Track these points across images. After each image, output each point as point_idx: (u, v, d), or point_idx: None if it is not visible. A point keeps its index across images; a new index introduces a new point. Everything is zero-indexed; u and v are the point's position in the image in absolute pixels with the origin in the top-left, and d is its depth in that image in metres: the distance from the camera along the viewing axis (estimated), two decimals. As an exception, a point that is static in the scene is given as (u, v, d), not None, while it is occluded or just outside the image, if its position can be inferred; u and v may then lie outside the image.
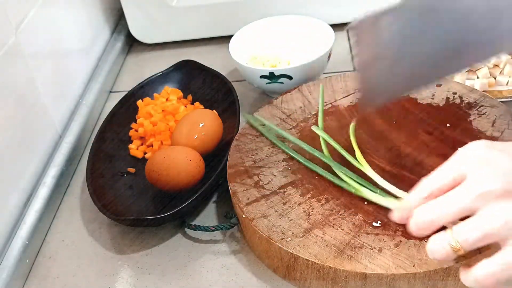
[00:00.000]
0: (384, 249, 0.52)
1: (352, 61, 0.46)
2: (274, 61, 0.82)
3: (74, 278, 0.60)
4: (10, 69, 0.66)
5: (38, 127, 0.72)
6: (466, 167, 0.44)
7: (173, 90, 0.79)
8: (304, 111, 0.69)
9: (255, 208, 0.58)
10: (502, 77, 0.74)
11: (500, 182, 0.42)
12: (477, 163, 0.44)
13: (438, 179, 0.46)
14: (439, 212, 0.44)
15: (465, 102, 0.67)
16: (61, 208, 0.70)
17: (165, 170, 0.63)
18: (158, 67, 0.83)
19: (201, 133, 0.67)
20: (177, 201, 0.63)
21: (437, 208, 0.44)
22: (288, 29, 0.84)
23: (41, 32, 0.75)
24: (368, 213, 0.55)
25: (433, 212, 0.44)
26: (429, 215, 0.44)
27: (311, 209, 0.57)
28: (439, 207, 0.44)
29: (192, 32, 0.95)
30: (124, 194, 0.66)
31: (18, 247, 0.61)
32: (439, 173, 0.46)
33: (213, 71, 0.79)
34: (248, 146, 0.65)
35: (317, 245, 0.53)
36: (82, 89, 0.85)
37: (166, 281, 0.59)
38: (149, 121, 0.74)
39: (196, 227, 0.62)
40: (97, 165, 0.69)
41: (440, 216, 0.44)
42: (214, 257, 0.59)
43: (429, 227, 0.45)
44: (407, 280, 0.50)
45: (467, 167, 0.44)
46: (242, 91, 0.80)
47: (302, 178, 0.61)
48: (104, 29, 0.96)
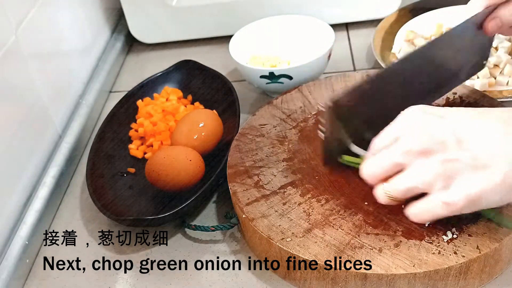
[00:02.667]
0: (384, 249, 0.52)
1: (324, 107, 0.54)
2: (274, 61, 0.82)
3: (74, 278, 0.60)
4: (10, 69, 0.66)
5: (38, 127, 0.72)
6: (402, 129, 0.50)
7: (173, 90, 0.79)
8: (304, 111, 0.69)
9: (255, 208, 0.58)
10: (502, 77, 0.74)
11: (420, 141, 0.48)
12: (409, 126, 0.50)
13: (382, 139, 0.52)
14: (376, 167, 0.51)
15: (465, 102, 0.67)
16: (61, 208, 0.70)
17: (165, 170, 0.63)
18: (158, 67, 0.83)
19: (201, 133, 0.67)
20: (177, 201, 0.63)
21: (375, 163, 0.51)
22: (288, 29, 0.85)
23: (41, 32, 0.75)
24: (368, 213, 0.55)
25: (373, 166, 0.51)
26: (370, 169, 0.52)
27: (311, 209, 0.57)
28: (376, 163, 0.51)
29: (192, 32, 0.95)
30: (124, 194, 0.67)
31: (18, 247, 0.61)
32: (384, 134, 0.52)
33: (213, 71, 0.79)
34: (248, 146, 0.65)
35: (317, 245, 0.53)
36: (82, 89, 0.85)
37: (166, 281, 0.59)
38: (149, 121, 0.74)
39: (196, 227, 0.62)
40: (97, 165, 0.69)
41: (377, 170, 0.51)
42: (214, 257, 0.59)
43: (372, 179, 0.52)
44: (407, 280, 0.50)
45: (403, 128, 0.50)
46: (242, 91, 0.80)
47: (302, 178, 0.61)
48: (104, 29, 0.96)
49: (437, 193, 0.48)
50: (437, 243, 0.52)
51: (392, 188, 0.50)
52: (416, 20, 0.88)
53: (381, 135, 0.52)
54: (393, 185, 0.50)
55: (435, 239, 0.52)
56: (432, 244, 0.52)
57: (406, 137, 0.49)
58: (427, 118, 0.49)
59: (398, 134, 0.50)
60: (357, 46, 0.90)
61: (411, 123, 0.50)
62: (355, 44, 0.90)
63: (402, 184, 0.49)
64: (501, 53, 0.76)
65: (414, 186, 0.49)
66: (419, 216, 0.51)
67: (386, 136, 0.52)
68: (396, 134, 0.50)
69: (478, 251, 0.50)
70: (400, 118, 0.51)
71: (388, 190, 0.51)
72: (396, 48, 0.83)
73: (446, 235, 0.52)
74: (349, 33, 0.93)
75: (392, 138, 0.51)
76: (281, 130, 0.67)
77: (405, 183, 0.49)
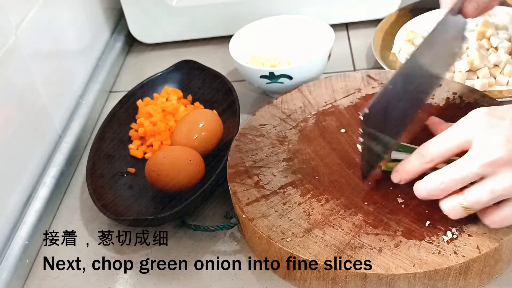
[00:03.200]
0: (384, 249, 0.52)
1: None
2: (274, 61, 0.82)
3: (74, 278, 0.60)
4: (10, 69, 0.66)
5: (38, 127, 0.72)
6: (470, 133, 0.48)
7: (173, 90, 0.79)
8: (304, 111, 0.69)
9: (255, 208, 0.58)
10: (502, 77, 0.74)
11: (504, 150, 0.46)
12: (480, 130, 0.47)
13: (441, 145, 0.49)
14: (450, 179, 0.48)
15: (465, 102, 0.67)
16: (61, 208, 0.70)
17: (165, 170, 0.63)
18: (158, 67, 0.83)
19: (201, 133, 0.67)
20: (177, 201, 0.63)
21: (448, 175, 0.48)
22: (288, 29, 0.85)
23: (41, 32, 0.75)
24: (368, 213, 0.55)
25: (445, 179, 0.48)
26: (441, 182, 0.49)
27: (311, 209, 0.57)
28: (450, 175, 0.48)
29: (192, 32, 0.95)
30: (124, 194, 0.67)
31: (18, 247, 0.61)
32: (442, 139, 0.50)
33: (213, 71, 0.79)
34: (248, 146, 0.65)
35: (317, 245, 0.53)
36: (82, 89, 0.85)
37: (166, 281, 0.59)
38: (149, 121, 0.74)
39: (196, 227, 0.62)
40: (97, 165, 0.69)
41: (449, 183, 0.48)
42: (214, 257, 0.59)
43: (440, 194, 0.50)
44: (407, 280, 0.50)
45: (472, 133, 0.48)
46: (242, 91, 0.80)
47: (302, 178, 0.61)
48: (104, 29, 0.96)
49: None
50: (437, 243, 0.52)
51: (473, 198, 0.48)
52: (416, 20, 0.88)
53: (436, 141, 0.50)
54: (473, 195, 0.48)
55: (435, 239, 0.52)
56: (432, 244, 0.52)
57: (484, 144, 0.47)
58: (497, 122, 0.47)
59: (466, 140, 0.48)
60: (357, 46, 0.90)
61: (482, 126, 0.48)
62: (355, 44, 0.90)
63: (486, 193, 0.47)
64: (501, 53, 0.76)
65: (500, 195, 0.47)
66: (503, 222, 0.49)
67: (446, 143, 0.49)
68: (463, 140, 0.48)
69: (478, 251, 0.50)
70: (462, 122, 0.49)
71: (467, 202, 0.48)
72: (396, 48, 0.83)
73: (446, 235, 0.52)
74: (349, 33, 0.93)
75: (455, 145, 0.49)
76: (281, 130, 0.67)
77: (492, 191, 0.47)
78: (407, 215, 0.55)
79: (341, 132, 0.66)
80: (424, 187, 0.51)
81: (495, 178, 0.47)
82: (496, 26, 0.81)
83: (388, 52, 0.83)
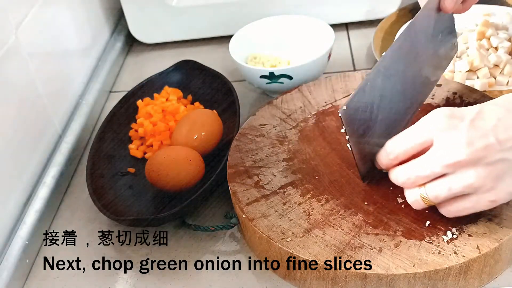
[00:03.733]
0: (384, 249, 0.52)
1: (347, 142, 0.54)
2: (274, 61, 0.82)
3: (74, 278, 0.60)
4: (10, 69, 0.66)
5: (38, 127, 0.72)
6: (431, 133, 0.49)
7: (173, 90, 0.79)
8: (304, 111, 0.69)
9: (255, 208, 0.58)
10: (502, 77, 0.74)
11: (465, 153, 0.47)
12: (441, 131, 0.49)
13: (404, 143, 0.52)
14: (414, 175, 0.50)
15: (465, 102, 0.67)
16: (61, 208, 0.70)
17: (165, 170, 0.63)
18: (158, 67, 0.83)
19: (201, 133, 0.67)
20: (177, 201, 0.63)
21: (412, 171, 0.51)
22: (288, 29, 0.85)
23: (41, 32, 0.75)
24: (368, 213, 0.55)
25: (410, 174, 0.51)
26: (406, 176, 0.51)
27: (311, 209, 0.57)
28: (414, 171, 0.50)
29: (192, 32, 0.95)
30: (124, 194, 0.67)
31: (18, 247, 0.61)
32: (404, 138, 0.52)
33: (213, 71, 0.79)
34: (248, 146, 0.65)
35: (317, 245, 0.53)
36: (82, 89, 0.85)
37: (166, 281, 0.59)
38: (149, 121, 0.74)
39: (196, 227, 0.62)
40: (97, 165, 0.69)
41: (415, 178, 0.51)
42: (214, 257, 0.59)
43: (408, 185, 0.52)
44: (407, 280, 0.50)
45: (432, 134, 0.49)
46: (242, 91, 0.80)
47: (302, 178, 0.61)
48: (104, 29, 0.96)
49: (483, 194, 0.48)
50: (437, 243, 0.52)
51: (433, 193, 0.50)
52: (416, 20, 0.88)
53: (399, 140, 0.52)
54: (433, 190, 0.50)
55: (435, 239, 0.52)
56: (432, 244, 0.52)
57: (445, 146, 0.48)
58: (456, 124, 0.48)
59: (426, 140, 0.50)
60: (357, 46, 0.90)
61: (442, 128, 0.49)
62: (355, 44, 0.90)
63: (445, 190, 0.49)
64: (501, 53, 0.76)
65: (459, 191, 0.49)
66: (457, 214, 0.51)
67: (409, 141, 0.51)
68: (424, 140, 0.50)
69: (478, 251, 0.50)
70: (424, 123, 0.51)
71: (427, 195, 0.50)
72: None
73: (446, 235, 0.52)
74: (349, 33, 0.93)
75: (417, 144, 0.50)
76: (281, 130, 0.67)
77: (449, 189, 0.49)
78: (407, 215, 0.55)
79: (341, 132, 0.65)
80: (396, 179, 0.53)
81: (454, 177, 0.48)
82: (496, 26, 0.81)
83: (388, 52, 0.83)
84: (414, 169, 0.51)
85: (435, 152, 0.49)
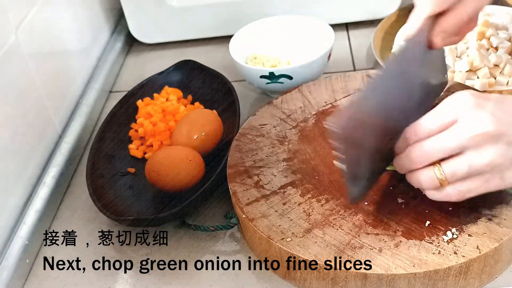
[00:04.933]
0: (384, 249, 0.52)
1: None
2: (274, 61, 0.82)
3: (74, 278, 0.60)
4: (10, 69, 0.66)
5: (38, 127, 0.72)
6: (456, 112, 0.48)
7: (173, 90, 0.79)
8: (304, 111, 0.70)
9: (255, 208, 0.58)
10: (502, 77, 0.74)
11: (493, 125, 0.47)
12: (467, 108, 0.48)
13: (428, 125, 0.50)
14: (433, 149, 0.49)
15: (465, 102, 0.66)
16: (61, 208, 0.70)
17: (165, 170, 0.63)
18: (158, 67, 0.83)
19: (201, 133, 0.67)
20: (177, 201, 0.63)
21: (431, 145, 0.49)
22: (288, 29, 0.85)
23: (41, 32, 0.75)
24: (368, 213, 0.55)
25: (426, 148, 0.49)
26: (422, 151, 0.49)
27: (311, 209, 0.57)
28: (434, 145, 0.49)
29: (192, 32, 0.95)
30: (124, 194, 0.67)
31: (18, 247, 0.61)
32: (429, 120, 0.50)
33: (213, 71, 0.79)
34: (248, 146, 0.65)
35: (317, 245, 0.53)
36: (82, 89, 0.85)
37: (166, 281, 0.59)
38: (149, 121, 0.74)
39: (196, 227, 0.62)
40: (97, 165, 0.69)
41: (433, 153, 0.49)
42: (214, 257, 0.59)
43: (421, 162, 0.50)
44: (407, 280, 0.50)
45: (458, 112, 0.48)
46: (242, 91, 0.80)
47: (302, 178, 0.61)
48: (104, 29, 0.97)
49: (498, 173, 0.48)
50: (437, 243, 0.52)
51: (451, 170, 0.48)
52: (416, 20, 0.88)
53: (428, 117, 0.50)
54: (451, 167, 0.48)
55: (435, 239, 0.52)
56: (432, 244, 0.52)
57: (471, 119, 0.48)
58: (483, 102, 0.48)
59: (451, 119, 0.49)
60: (357, 46, 0.90)
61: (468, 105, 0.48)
62: (355, 44, 0.90)
63: (464, 167, 0.48)
64: (501, 53, 0.76)
65: (478, 169, 0.48)
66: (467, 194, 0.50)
67: (432, 122, 0.50)
68: (448, 119, 0.49)
69: (478, 251, 0.50)
70: (447, 103, 0.50)
71: (443, 172, 0.49)
72: (396, 48, 0.83)
73: (446, 235, 0.52)
74: (349, 33, 0.93)
75: (440, 124, 0.49)
76: (281, 130, 0.67)
77: (470, 166, 0.48)
78: (407, 215, 0.55)
79: None
80: (409, 154, 0.50)
81: (476, 153, 0.47)
82: (496, 26, 0.81)
83: (388, 52, 0.83)
84: (433, 143, 0.49)
85: (461, 125, 0.48)
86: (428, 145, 0.49)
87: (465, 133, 0.47)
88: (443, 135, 0.49)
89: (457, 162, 0.48)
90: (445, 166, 0.49)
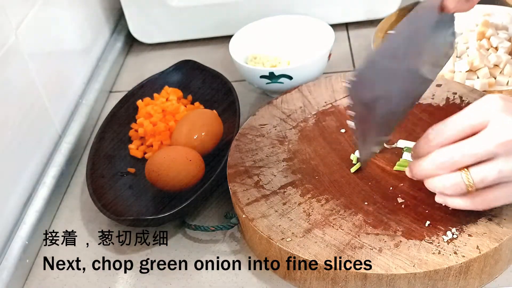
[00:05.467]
0: (384, 249, 0.52)
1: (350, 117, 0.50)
2: (274, 61, 0.82)
3: (74, 278, 0.60)
4: (10, 69, 0.66)
5: (38, 127, 0.72)
6: (486, 115, 0.47)
7: (173, 90, 0.79)
8: (304, 111, 0.69)
9: (255, 208, 0.58)
10: (502, 77, 0.74)
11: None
12: (498, 112, 0.47)
13: (454, 127, 0.48)
14: (461, 154, 0.47)
15: (465, 102, 0.67)
16: (61, 208, 0.70)
17: (165, 170, 0.63)
18: (158, 67, 0.83)
19: (201, 133, 0.67)
20: (177, 201, 0.63)
21: (459, 150, 0.47)
22: (288, 29, 0.85)
23: (41, 32, 0.75)
24: (368, 213, 0.55)
25: (454, 153, 0.47)
26: (449, 155, 0.48)
27: (311, 209, 0.57)
28: (461, 150, 0.47)
29: (192, 32, 0.95)
30: (124, 194, 0.67)
31: (18, 247, 0.61)
32: (456, 122, 0.49)
33: (213, 71, 0.79)
34: (248, 146, 0.65)
35: (317, 245, 0.53)
36: (82, 89, 0.85)
37: (166, 281, 0.59)
38: (149, 121, 0.74)
39: (196, 227, 0.62)
40: (97, 165, 0.69)
41: (461, 158, 0.47)
42: (214, 257, 0.59)
43: (448, 167, 0.48)
44: (407, 280, 0.50)
45: (488, 115, 0.47)
46: (242, 91, 0.80)
47: (302, 178, 0.61)
48: (104, 29, 0.96)
49: None
50: (437, 243, 0.52)
51: (480, 176, 0.47)
52: (416, 20, 0.88)
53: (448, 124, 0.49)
54: (480, 173, 0.47)
55: (435, 239, 0.52)
56: (432, 244, 0.52)
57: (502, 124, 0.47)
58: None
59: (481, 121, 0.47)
60: (357, 46, 0.90)
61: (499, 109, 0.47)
62: (355, 44, 0.90)
63: (494, 173, 0.47)
64: (501, 53, 0.76)
65: (505, 176, 0.47)
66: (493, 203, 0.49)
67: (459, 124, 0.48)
68: (478, 122, 0.48)
69: (478, 251, 0.50)
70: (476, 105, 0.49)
71: (471, 178, 0.47)
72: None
73: (446, 235, 0.52)
74: (349, 33, 0.93)
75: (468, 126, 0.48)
76: (281, 130, 0.67)
77: (499, 171, 0.47)
78: (407, 215, 0.55)
79: (341, 132, 0.66)
80: (434, 159, 0.49)
81: (506, 159, 0.47)
82: (496, 26, 0.81)
83: (388, 52, 0.83)
84: (461, 148, 0.48)
85: (491, 130, 0.47)
86: (457, 150, 0.48)
87: (496, 139, 0.47)
88: (473, 140, 0.48)
89: (487, 168, 0.47)
90: (474, 172, 0.48)
